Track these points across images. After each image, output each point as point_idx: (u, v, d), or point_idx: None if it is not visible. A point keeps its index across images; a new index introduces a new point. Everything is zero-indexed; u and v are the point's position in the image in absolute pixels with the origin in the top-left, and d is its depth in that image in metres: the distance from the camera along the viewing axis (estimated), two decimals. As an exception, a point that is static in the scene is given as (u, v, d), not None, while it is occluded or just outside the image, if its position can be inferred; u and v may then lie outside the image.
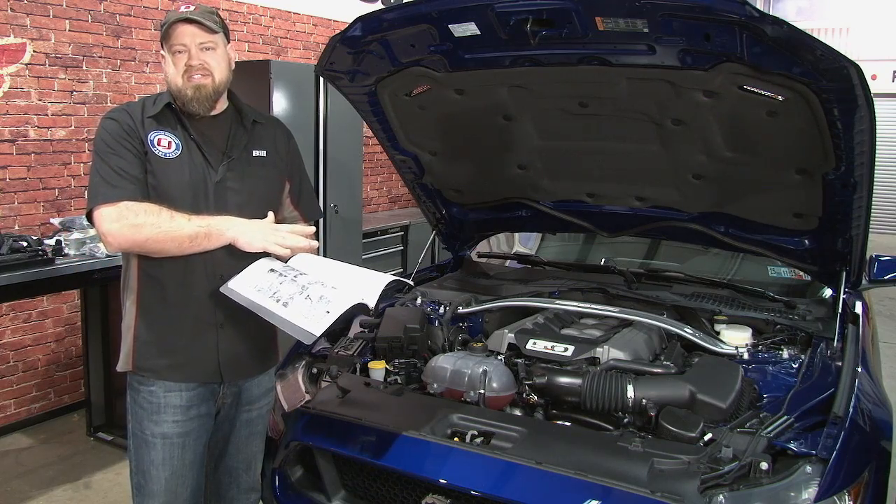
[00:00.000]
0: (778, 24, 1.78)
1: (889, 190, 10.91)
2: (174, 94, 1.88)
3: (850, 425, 1.74)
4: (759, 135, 2.25)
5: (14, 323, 4.03)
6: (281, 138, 2.08)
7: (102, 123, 1.86)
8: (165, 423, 1.88)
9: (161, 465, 1.89)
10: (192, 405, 1.91)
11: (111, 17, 4.32)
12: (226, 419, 2.03)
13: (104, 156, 1.81)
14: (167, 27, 1.85)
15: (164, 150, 1.85)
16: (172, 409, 1.89)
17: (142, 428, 1.90)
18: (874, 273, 2.86)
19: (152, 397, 1.89)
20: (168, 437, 1.89)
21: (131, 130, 1.84)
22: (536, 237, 3.79)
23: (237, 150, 1.94)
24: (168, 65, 1.87)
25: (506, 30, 2.11)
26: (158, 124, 1.87)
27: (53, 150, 4.10)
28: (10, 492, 3.41)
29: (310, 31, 5.93)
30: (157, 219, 1.76)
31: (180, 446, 1.90)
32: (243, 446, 2.09)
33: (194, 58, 1.84)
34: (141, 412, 1.90)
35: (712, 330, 2.48)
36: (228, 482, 2.11)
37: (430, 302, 2.87)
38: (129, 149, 1.82)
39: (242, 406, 2.04)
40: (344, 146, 4.98)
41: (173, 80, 1.86)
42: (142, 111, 1.88)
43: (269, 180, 2.02)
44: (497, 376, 2.12)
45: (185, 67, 1.84)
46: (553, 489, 1.70)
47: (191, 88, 1.85)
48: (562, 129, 2.58)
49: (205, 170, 1.89)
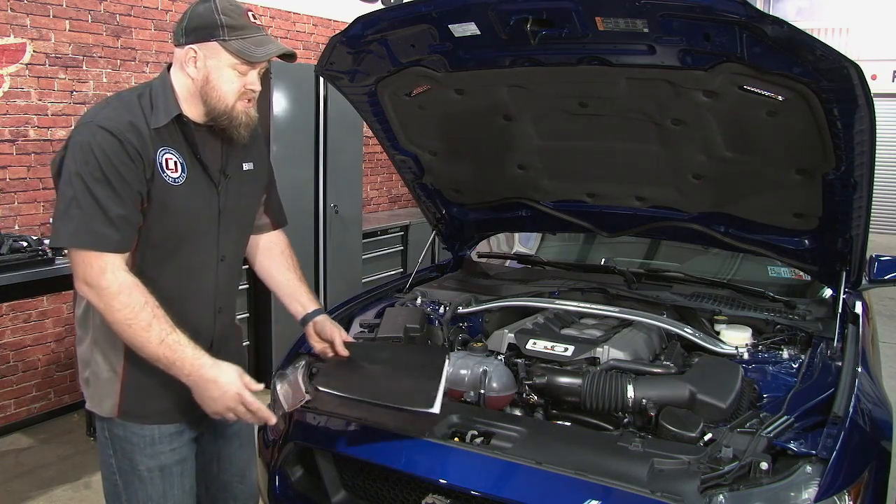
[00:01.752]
0: (778, 24, 1.78)
1: (889, 190, 10.93)
2: (217, 112, 1.63)
3: (850, 425, 1.74)
4: (759, 135, 2.25)
5: (14, 323, 4.04)
6: (262, 145, 1.93)
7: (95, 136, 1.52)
8: (163, 454, 1.73)
9: (161, 498, 1.74)
10: (183, 430, 1.79)
11: (111, 17, 4.32)
12: (213, 439, 1.94)
13: (92, 183, 1.50)
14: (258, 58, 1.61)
15: (171, 174, 1.61)
16: (168, 438, 1.74)
17: (133, 464, 1.71)
18: (874, 273, 2.86)
19: (144, 431, 1.71)
20: (166, 467, 1.74)
21: (136, 156, 1.54)
22: (536, 237, 3.79)
23: (233, 166, 1.77)
24: (222, 79, 1.60)
25: (506, 30, 2.11)
26: (162, 139, 1.61)
27: (53, 150, 4.09)
28: (10, 492, 3.41)
29: (310, 31, 5.93)
30: (133, 315, 1.52)
31: (179, 474, 1.77)
32: (235, 458, 2.01)
33: (257, 84, 1.66)
34: (130, 447, 1.71)
35: (712, 330, 2.48)
36: (225, 497, 2.02)
37: (430, 302, 2.86)
38: (128, 181, 1.53)
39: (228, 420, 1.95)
40: (344, 146, 4.98)
41: (225, 98, 1.62)
42: (143, 117, 1.58)
43: (254, 194, 1.90)
44: (497, 376, 2.12)
45: (244, 90, 1.64)
46: (553, 489, 1.70)
47: (244, 114, 1.66)
48: (562, 129, 2.58)
49: (210, 194, 1.71)
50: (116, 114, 1.57)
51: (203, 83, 1.62)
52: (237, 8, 1.63)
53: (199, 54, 1.60)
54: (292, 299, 2.07)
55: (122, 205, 1.53)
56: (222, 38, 1.58)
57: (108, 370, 1.68)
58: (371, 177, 6.81)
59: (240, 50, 1.59)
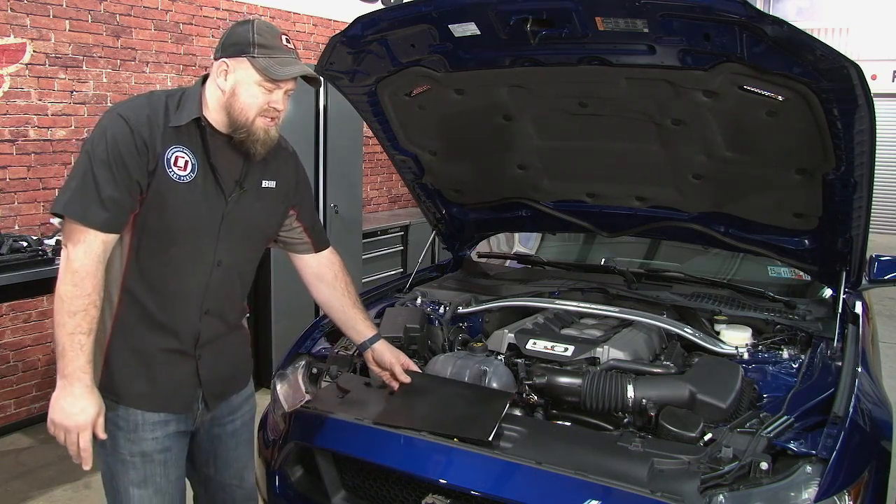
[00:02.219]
0: (778, 24, 1.78)
1: (889, 190, 10.92)
2: (238, 124, 1.70)
3: (850, 425, 1.74)
4: (759, 135, 2.26)
5: (14, 323, 4.03)
6: (292, 168, 1.96)
7: (113, 122, 1.64)
8: (144, 441, 1.75)
9: (142, 483, 1.76)
10: (169, 420, 1.78)
11: (111, 17, 4.32)
12: (207, 436, 1.92)
13: (96, 163, 1.61)
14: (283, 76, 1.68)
15: (178, 171, 1.67)
16: (151, 427, 1.75)
17: (116, 447, 1.74)
18: (874, 273, 2.86)
19: (128, 415, 1.74)
20: (147, 454, 1.75)
21: (143, 147, 1.63)
22: (536, 237, 3.80)
23: (250, 182, 1.80)
24: (247, 93, 1.68)
25: (506, 30, 2.11)
26: (178, 138, 1.68)
27: (53, 150, 4.10)
28: (10, 492, 3.40)
29: (310, 31, 5.93)
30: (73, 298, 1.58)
31: (161, 463, 1.78)
32: (233, 460, 1.98)
33: (282, 103, 1.73)
34: (115, 430, 1.73)
35: (712, 330, 2.48)
36: (223, 499, 2.00)
37: (430, 302, 2.87)
38: (128, 168, 1.62)
39: (225, 418, 1.94)
40: (344, 146, 4.98)
41: (247, 111, 1.69)
42: (164, 115, 1.68)
43: (272, 212, 1.92)
44: (497, 376, 2.12)
45: (266, 107, 1.70)
46: (553, 489, 1.70)
47: (262, 130, 1.71)
48: (562, 129, 2.58)
49: (216, 199, 1.74)
50: (138, 106, 1.68)
51: (230, 95, 1.70)
52: (272, 31, 1.73)
53: (231, 67, 1.69)
54: (348, 327, 2.13)
55: (116, 189, 1.61)
56: (252, 54, 1.67)
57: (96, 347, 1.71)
58: (371, 177, 6.81)
59: (265, 67, 1.67)
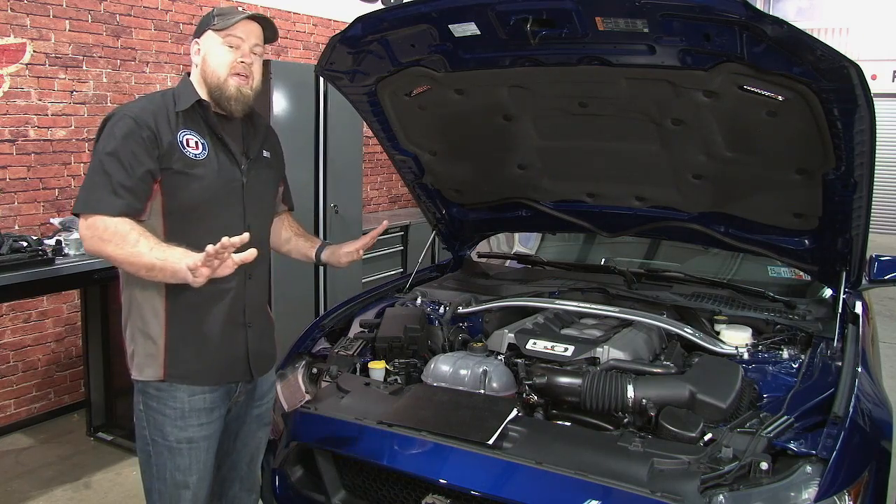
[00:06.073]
0: (778, 24, 1.78)
1: (889, 190, 10.92)
2: (212, 87, 1.84)
3: (850, 425, 1.74)
4: (759, 135, 2.25)
5: (14, 323, 4.03)
6: (276, 139, 2.13)
7: (118, 120, 1.77)
8: (191, 427, 1.86)
9: (187, 470, 1.87)
10: (214, 407, 1.91)
11: (111, 17, 4.32)
12: (236, 417, 2.04)
13: (104, 158, 1.73)
14: (233, 21, 1.82)
15: (192, 150, 1.81)
16: (197, 413, 1.87)
17: (164, 434, 1.85)
18: (874, 273, 2.86)
19: (176, 402, 1.85)
20: (194, 441, 1.87)
21: (151, 138, 1.76)
22: (536, 237, 3.80)
23: (253, 151, 1.96)
24: (214, 55, 1.84)
25: (506, 30, 2.11)
26: (185, 122, 1.82)
27: (53, 150, 4.10)
28: (10, 492, 3.41)
29: (310, 31, 5.93)
30: (123, 240, 1.69)
31: (205, 450, 1.89)
32: (250, 440, 2.10)
33: (246, 56, 1.85)
34: (162, 419, 1.85)
35: (712, 330, 2.48)
36: (232, 478, 2.11)
37: (430, 302, 2.87)
38: (138, 157, 1.73)
39: (255, 402, 2.07)
40: (344, 146, 4.98)
41: (217, 70, 1.83)
42: (166, 105, 1.82)
43: (273, 181, 2.09)
44: (497, 376, 2.12)
45: (235, 64, 1.84)
46: (553, 489, 1.70)
47: (233, 87, 1.84)
48: (562, 129, 2.58)
49: (232, 170, 1.89)
50: (142, 105, 1.83)
51: (203, 65, 1.87)
52: (231, 6, 1.93)
53: (200, 43, 1.89)
54: (299, 254, 2.32)
55: (127, 177, 1.72)
56: (213, 24, 1.86)
57: (150, 344, 1.85)
58: (371, 177, 6.81)
59: (221, 25, 1.85)
